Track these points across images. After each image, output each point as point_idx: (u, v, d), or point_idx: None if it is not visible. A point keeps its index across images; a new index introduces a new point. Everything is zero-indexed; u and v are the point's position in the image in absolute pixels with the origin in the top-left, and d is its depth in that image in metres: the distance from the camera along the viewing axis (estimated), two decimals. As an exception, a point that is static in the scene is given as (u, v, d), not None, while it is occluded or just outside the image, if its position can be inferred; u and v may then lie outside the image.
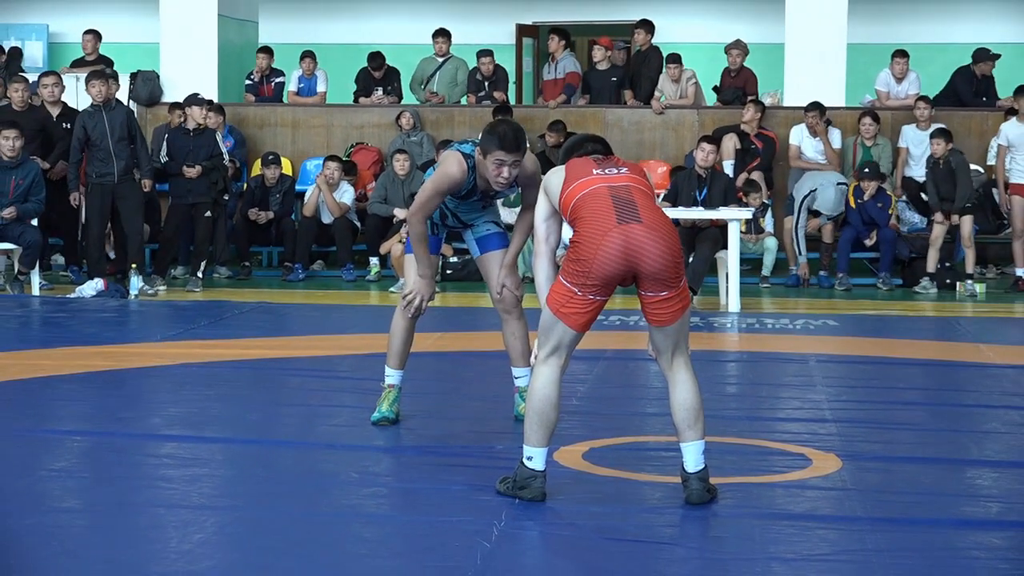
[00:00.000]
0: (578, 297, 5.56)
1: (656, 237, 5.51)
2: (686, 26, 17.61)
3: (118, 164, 12.65)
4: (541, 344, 5.68)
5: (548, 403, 5.58)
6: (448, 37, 16.20)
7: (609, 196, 5.58)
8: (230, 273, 14.17)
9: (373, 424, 6.90)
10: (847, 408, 7.58)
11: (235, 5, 17.05)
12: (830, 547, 4.97)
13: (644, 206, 5.58)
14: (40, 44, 20.39)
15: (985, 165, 14.98)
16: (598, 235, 5.49)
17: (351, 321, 11.21)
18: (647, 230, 5.50)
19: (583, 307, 5.57)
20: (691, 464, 5.58)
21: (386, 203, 14.24)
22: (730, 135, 14.76)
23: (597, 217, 5.53)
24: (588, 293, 5.55)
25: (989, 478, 6.07)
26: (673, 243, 5.56)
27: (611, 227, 5.49)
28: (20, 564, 4.67)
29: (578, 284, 5.54)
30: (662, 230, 5.54)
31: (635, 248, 5.48)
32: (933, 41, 18.99)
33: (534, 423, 5.57)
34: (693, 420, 5.61)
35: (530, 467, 5.55)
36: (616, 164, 5.77)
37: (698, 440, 5.58)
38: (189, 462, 6.21)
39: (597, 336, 10.25)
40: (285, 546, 4.91)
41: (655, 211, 5.62)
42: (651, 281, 5.55)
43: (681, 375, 5.71)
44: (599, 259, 5.49)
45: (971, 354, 9.51)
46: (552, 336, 5.64)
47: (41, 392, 7.82)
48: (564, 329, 5.61)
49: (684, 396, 5.66)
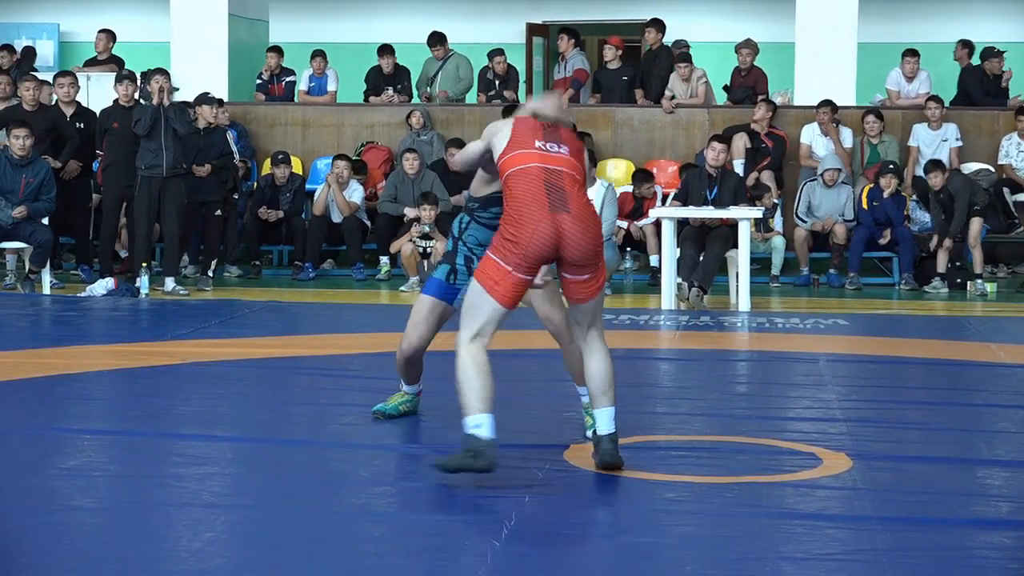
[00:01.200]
0: (512, 275, 5.80)
1: (582, 228, 5.82)
2: (696, 25, 17.58)
3: (168, 157, 12.62)
4: (466, 323, 5.85)
5: (482, 373, 5.74)
6: (444, 41, 16.17)
7: (543, 181, 5.86)
8: (240, 272, 14.19)
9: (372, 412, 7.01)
10: (857, 407, 7.57)
11: (245, 4, 17.07)
12: (840, 546, 4.97)
13: (573, 195, 5.87)
14: (51, 43, 20.43)
15: (996, 164, 14.96)
16: (532, 221, 5.78)
17: (361, 320, 11.21)
18: (575, 220, 5.81)
19: (516, 285, 5.83)
20: (603, 428, 5.97)
21: (396, 202, 14.24)
22: (740, 134, 14.75)
23: (531, 202, 5.82)
24: (520, 272, 5.80)
25: (1000, 478, 6.06)
26: (596, 232, 5.89)
27: (544, 215, 5.78)
28: (31, 562, 4.68)
29: (512, 264, 5.79)
30: (588, 220, 5.86)
31: (564, 237, 5.79)
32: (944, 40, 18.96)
33: (472, 392, 5.71)
34: (606, 388, 5.98)
35: (480, 435, 5.62)
36: (559, 141, 6.03)
37: (610, 407, 5.96)
38: (199, 461, 6.21)
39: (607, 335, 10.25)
40: (295, 545, 4.91)
41: (582, 199, 5.92)
42: (572, 265, 5.86)
43: (595, 346, 6.05)
44: (534, 244, 5.77)
45: (982, 353, 9.49)
46: (480, 313, 5.84)
47: (52, 390, 7.83)
48: (494, 306, 5.83)
49: (598, 366, 6.03)
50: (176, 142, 12.63)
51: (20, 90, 13.80)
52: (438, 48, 16.15)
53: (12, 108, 13.72)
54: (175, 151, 12.63)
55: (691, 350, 9.72)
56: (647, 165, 14.98)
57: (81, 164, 13.70)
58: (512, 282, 5.81)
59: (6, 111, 13.72)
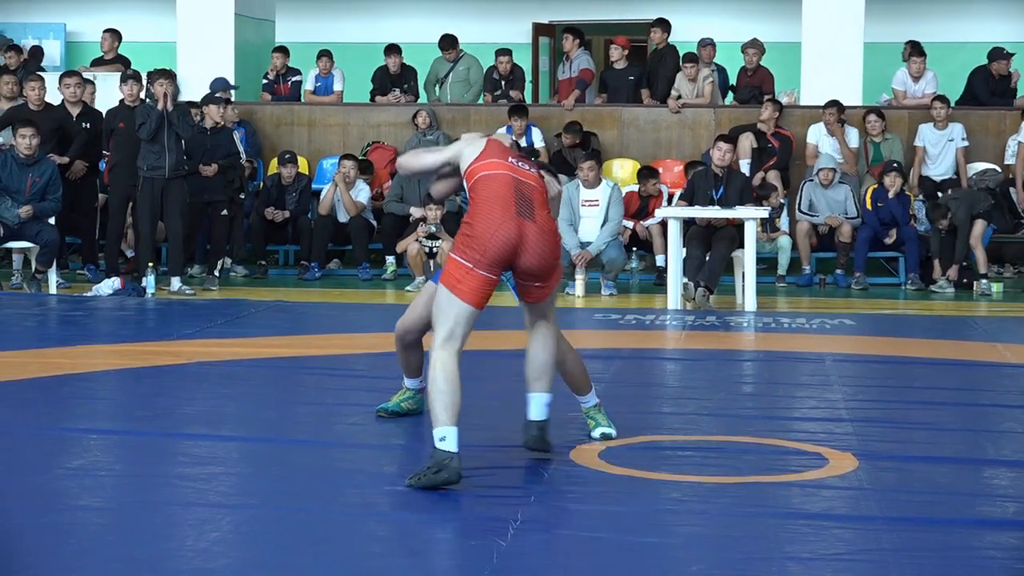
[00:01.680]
0: (474, 273, 5.84)
1: (543, 240, 5.93)
2: (702, 25, 17.56)
3: (170, 159, 12.63)
4: (438, 326, 5.89)
5: (450, 383, 5.74)
6: (455, 43, 16.17)
7: (513, 187, 5.96)
8: (246, 272, 14.20)
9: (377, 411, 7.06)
10: (863, 407, 7.57)
11: (252, 4, 17.07)
12: (846, 547, 4.97)
13: (539, 208, 5.98)
14: (57, 43, 20.45)
15: (1002, 164, 14.95)
16: (497, 220, 5.86)
17: (367, 320, 11.21)
18: (539, 231, 5.92)
19: (479, 284, 5.84)
20: (534, 413, 6.10)
21: (402, 202, 14.25)
22: (747, 134, 14.75)
23: (499, 202, 5.91)
24: (482, 270, 5.84)
25: (1006, 478, 6.05)
26: (555, 248, 6.00)
27: (510, 216, 5.87)
28: (37, 562, 4.69)
29: (473, 260, 5.84)
30: (550, 236, 5.97)
31: (525, 242, 5.88)
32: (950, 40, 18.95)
33: (439, 403, 5.71)
34: (540, 374, 6.10)
35: (444, 448, 5.61)
36: (528, 164, 6.14)
37: (542, 392, 6.09)
38: (205, 460, 6.22)
39: (613, 335, 10.26)
40: (301, 544, 4.91)
41: (546, 216, 6.01)
42: (528, 274, 5.98)
43: (540, 332, 6.15)
44: (495, 241, 5.83)
45: (988, 353, 9.48)
46: (449, 315, 5.87)
47: (58, 390, 7.84)
48: (461, 306, 5.85)
49: (536, 352, 6.14)
50: (179, 144, 12.63)
51: (25, 90, 13.81)
52: (450, 51, 16.14)
53: (18, 108, 13.73)
54: (177, 153, 12.64)
55: (697, 350, 9.71)
56: (653, 165, 14.97)
57: (87, 164, 13.71)
58: (476, 280, 5.83)
59: (11, 111, 13.72)
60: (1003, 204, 14.42)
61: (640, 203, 14.16)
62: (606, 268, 13.02)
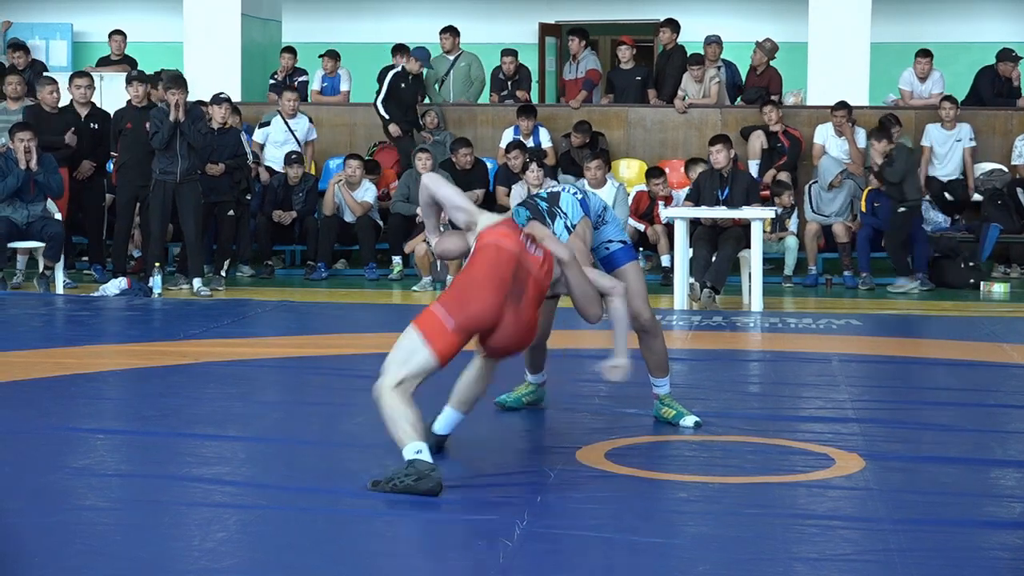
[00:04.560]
0: (449, 334, 5.78)
1: (518, 332, 5.88)
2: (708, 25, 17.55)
3: (182, 164, 12.65)
4: (393, 368, 5.84)
5: (408, 404, 5.74)
6: (456, 34, 16.16)
7: (514, 268, 5.89)
8: (253, 272, 14.21)
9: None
10: (870, 408, 7.56)
11: (258, 4, 17.08)
12: (853, 547, 4.96)
13: (527, 299, 5.88)
14: (64, 43, 20.48)
15: (1009, 165, 14.94)
16: (487, 295, 5.80)
17: (374, 320, 11.22)
18: (517, 321, 5.85)
19: (451, 344, 5.81)
20: (440, 426, 6.24)
21: (409, 202, 14.24)
22: (757, 132, 14.76)
23: (496, 278, 5.85)
24: (457, 333, 5.79)
25: (1013, 478, 6.05)
26: (527, 340, 5.98)
27: (499, 297, 5.80)
28: (43, 561, 4.69)
29: (453, 323, 5.78)
30: (525, 328, 5.90)
31: (501, 326, 5.84)
32: (957, 40, 18.95)
33: (403, 423, 5.69)
34: (466, 399, 6.18)
35: (425, 459, 5.58)
36: (537, 247, 6.02)
37: (459, 412, 6.20)
38: (212, 460, 6.22)
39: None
40: (307, 545, 4.91)
41: (531, 309, 5.91)
42: (492, 348, 5.97)
43: (487, 367, 6.15)
44: (477, 316, 5.80)
45: (995, 354, 9.47)
46: (413, 362, 5.81)
47: (65, 390, 7.85)
48: (428, 358, 5.80)
49: (472, 380, 6.16)
50: (191, 151, 12.67)
51: (42, 93, 13.78)
52: (447, 38, 16.07)
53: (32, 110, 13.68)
54: (190, 160, 12.67)
55: (703, 350, 9.70)
56: (660, 165, 14.96)
57: (95, 164, 13.72)
58: (449, 340, 5.80)
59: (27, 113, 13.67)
60: (1010, 204, 14.40)
61: (650, 203, 14.15)
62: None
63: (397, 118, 15.01)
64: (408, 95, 15.06)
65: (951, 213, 14.79)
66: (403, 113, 15.05)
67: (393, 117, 15.00)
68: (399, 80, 14.99)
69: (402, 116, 15.04)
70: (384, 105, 14.99)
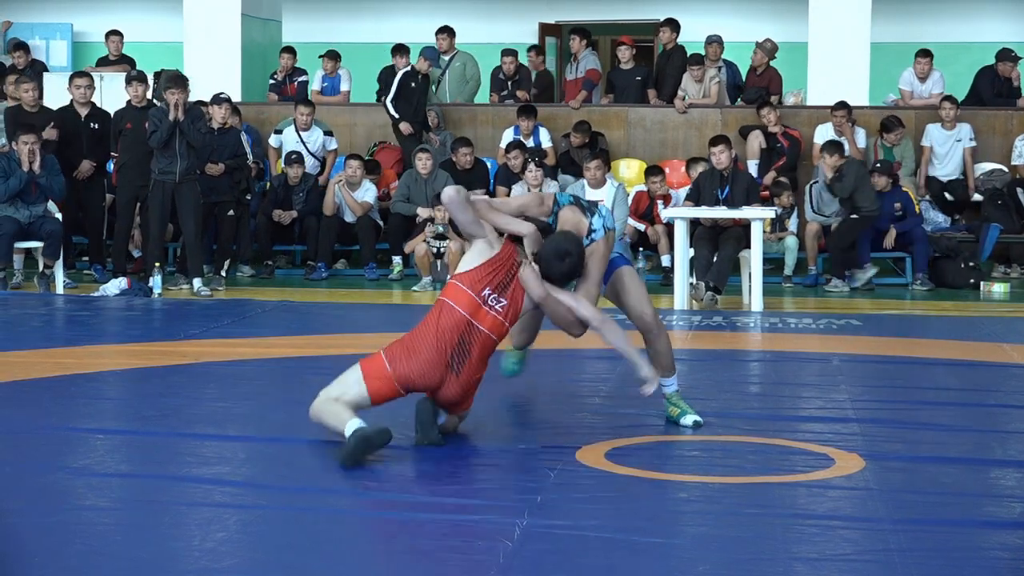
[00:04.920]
0: (390, 382, 6.28)
1: (459, 393, 6.33)
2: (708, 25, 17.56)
3: (181, 164, 12.65)
4: (330, 390, 6.36)
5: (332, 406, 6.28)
6: (452, 34, 16.16)
7: (460, 333, 6.29)
8: (253, 272, 14.20)
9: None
10: (870, 408, 7.56)
11: (258, 4, 17.09)
12: (853, 547, 4.96)
13: (472, 360, 6.30)
14: (64, 43, 20.48)
15: (1009, 165, 14.94)
16: (428, 360, 6.26)
17: (374, 320, 11.22)
18: (458, 385, 6.30)
19: (388, 391, 6.31)
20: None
21: (409, 202, 14.25)
22: (756, 132, 14.76)
23: (438, 343, 6.27)
24: (398, 382, 6.27)
25: (1013, 478, 6.05)
26: (468, 397, 6.42)
27: (439, 364, 6.27)
28: (43, 561, 4.69)
29: (396, 371, 6.26)
30: (466, 388, 6.34)
31: (442, 389, 6.31)
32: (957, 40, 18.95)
33: (335, 412, 6.23)
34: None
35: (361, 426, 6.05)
36: (508, 295, 6.34)
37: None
38: (212, 460, 6.22)
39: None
40: (307, 545, 4.91)
41: (475, 366, 6.33)
42: (437, 401, 6.39)
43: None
44: (418, 377, 6.27)
45: (995, 354, 9.47)
46: (348, 390, 6.32)
47: (65, 390, 7.85)
48: (363, 395, 6.30)
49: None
50: (190, 151, 12.67)
51: (19, 92, 13.78)
52: (444, 39, 16.07)
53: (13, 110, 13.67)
54: (189, 160, 12.67)
55: (704, 350, 9.70)
56: (660, 165, 14.96)
57: (95, 164, 13.72)
58: (386, 386, 6.28)
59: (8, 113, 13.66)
60: (1010, 204, 14.41)
61: (649, 203, 14.15)
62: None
63: (407, 117, 15.01)
64: (417, 94, 15.07)
65: (951, 213, 14.80)
66: (412, 112, 15.05)
67: (403, 116, 15.00)
68: (409, 79, 14.99)
69: (411, 115, 15.04)
70: (394, 104, 14.99)
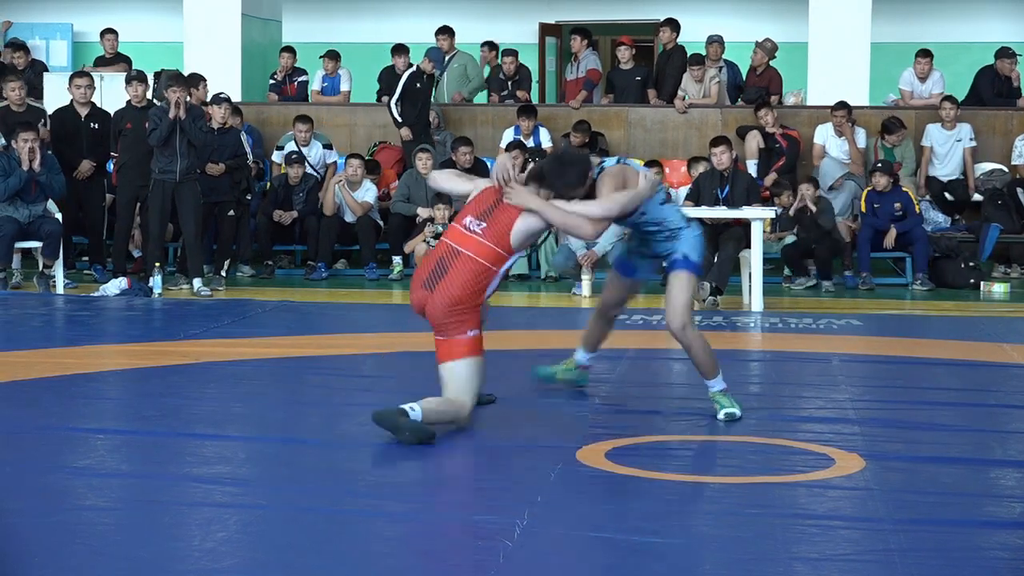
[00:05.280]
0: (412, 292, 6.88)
1: (439, 309, 6.68)
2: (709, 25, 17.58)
3: (181, 163, 12.65)
4: None
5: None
6: (452, 34, 16.16)
7: (439, 257, 6.77)
8: (253, 272, 14.20)
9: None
10: (870, 408, 7.56)
11: (259, 4, 17.09)
12: (853, 547, 4.96)
13: (451, 272, 6.70)
14: (64, 43, 20.48)
15: (1009, 165, 14.94)
16: (414, 282, 6.86)
17: (374, 320, 11.22)
18: (435, 302, 6.68)
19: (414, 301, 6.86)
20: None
21: (409, 202, 14.25)
22: (754, 133, 14.76)
23: (423, 268, 6.86)
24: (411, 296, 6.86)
25: (1013, 478, 6.05)
26: (448, 312, 6.67)
27: (419, 284, 6.78)
28: (44, 561, 4.69)
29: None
30: (445, 304, 6.66)
31: (425, 308, 6.75)
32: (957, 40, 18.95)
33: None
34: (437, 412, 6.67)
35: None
36: (490, 219, 6.76)
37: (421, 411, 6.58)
38: (212, 460, 6.22)
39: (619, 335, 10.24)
40: (308, 544, 4.91)
41: (455, 278, 6.69)
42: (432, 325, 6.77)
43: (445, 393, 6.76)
44: (411, 297, 6.88)
45: (995, 354, 9.48)
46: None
47: (65, 390, 7.84)
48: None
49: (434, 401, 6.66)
50: (191, 149, 12.66)
51: (5, 90, 13.78)
52: (444, 39, 16.06)
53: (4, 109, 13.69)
54: (190, 159, 12.67)
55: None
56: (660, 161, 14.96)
57: (95, 164, 13.72)
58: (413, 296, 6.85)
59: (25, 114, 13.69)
60: (1010, 204, 14.41)
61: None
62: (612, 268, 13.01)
63: (411, 118, 14.96)
64: (422, 95, 15.06)
65: (951, 213, 14.80)
66: (416, 113, 15.03)
67: (407, 117, 14.95)
68: (414, 80, 14.97)
69: (415, 117, 15.01)
70: (399, 105, 14.97)
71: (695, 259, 7.27)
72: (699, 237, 7.30)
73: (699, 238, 7.30)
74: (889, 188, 13.70)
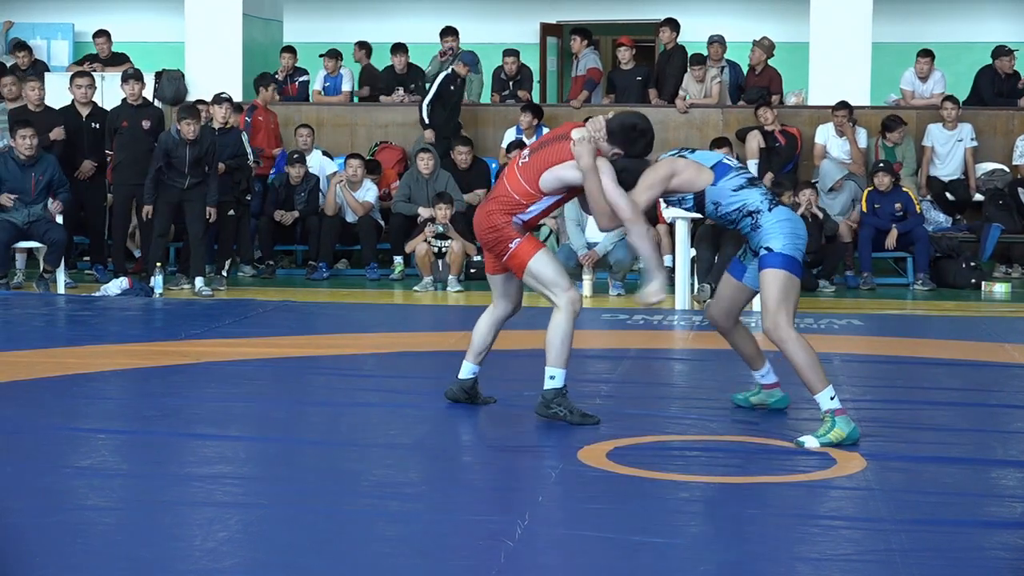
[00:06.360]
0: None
1: (476, 224, 6.93)
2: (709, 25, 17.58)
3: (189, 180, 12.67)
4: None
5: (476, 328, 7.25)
6: (456, 35, 16.15)
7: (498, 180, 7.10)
8: (254, 272, 14.21)
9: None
10: (872, 408, 7.56)
11: (260, 4, 17.09)
12: (854, 547, 4.96)
13: (496, 189, 6.97)
14: (66, 43, 20.47)
15: (1010, 164, 14.94)
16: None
17: (375, 320, 11.22)
18: (476, 216, 6.97)
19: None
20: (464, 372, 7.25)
21: (410, 202, 14.25)
22: (754, 132, 14.76)
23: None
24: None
25: (1014, 479, 6.05)
26: (482, 225, 6.86)
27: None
28: (45, 561, 4.69)
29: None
30: (481, 216, 6.89)
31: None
32: (958, 40, 18.94)
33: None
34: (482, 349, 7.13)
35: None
36: (537, 153, 6.87)
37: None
38: (213, 460, 6.22)
39: (621, 335, 10.26)
40: (309, 544, 4.91)
41: (493, 194, 6.95)
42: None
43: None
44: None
45: (996, 354, 9.47)
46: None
47: (67, 390, 7.84)
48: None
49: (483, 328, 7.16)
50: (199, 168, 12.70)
51: (24, 90, 13.79)
52: (450, 41, 16.05)
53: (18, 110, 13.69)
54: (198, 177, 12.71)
55: (705, 350, 9.69)
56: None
57: (96, 164, 13.72)
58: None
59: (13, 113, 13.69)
60: (1011, 204, 14.41)
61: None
62: (613, 268, 13.02)
63: (441, 120, 14.92)
64: (455, 98, 15.02)
65: (952, 213, 14.80)
66: (447, 116, 14.99)
67: (436, 120, 14.90)
68: (449, 83, 14.92)
69: (445, 120, 14.97)
70: (430, 107, 14.90)
71: (779, 249, 6.64)
72: (781, 222, 6.67)
73: (781, 223, 6.67)
74: (891, 188, 13.71)
